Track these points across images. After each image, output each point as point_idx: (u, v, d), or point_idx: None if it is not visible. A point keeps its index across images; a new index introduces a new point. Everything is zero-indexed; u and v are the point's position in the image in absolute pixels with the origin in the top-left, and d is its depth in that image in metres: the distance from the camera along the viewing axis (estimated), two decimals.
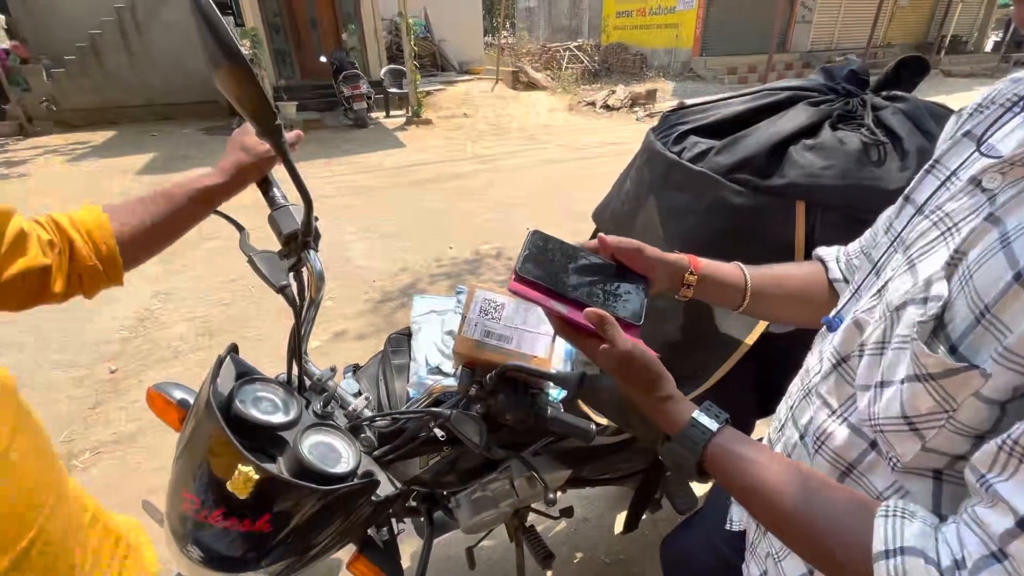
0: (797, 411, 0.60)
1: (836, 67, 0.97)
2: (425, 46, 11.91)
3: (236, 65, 0.60)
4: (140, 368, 2.65)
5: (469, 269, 3.63)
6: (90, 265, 0.68)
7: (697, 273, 0.68)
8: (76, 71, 8.67)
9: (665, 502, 1.49)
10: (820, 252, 0.74)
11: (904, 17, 14.33)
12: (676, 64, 12.75)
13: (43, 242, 0.63)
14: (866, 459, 0.49)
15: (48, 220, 0.66)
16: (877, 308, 0.50)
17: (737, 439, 0.52)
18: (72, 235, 0.67)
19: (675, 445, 0.54)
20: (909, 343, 0.43)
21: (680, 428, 0.54)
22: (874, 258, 0.57)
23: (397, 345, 1.10)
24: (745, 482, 0.50)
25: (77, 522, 0.54)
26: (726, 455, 0.51)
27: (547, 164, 6.49)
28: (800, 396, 0.60)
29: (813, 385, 0.58)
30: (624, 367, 0.56)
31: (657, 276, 0.66)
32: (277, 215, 0.85)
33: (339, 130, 8.45)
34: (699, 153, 0.92)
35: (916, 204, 0.53)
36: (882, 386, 0.46)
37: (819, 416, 0.55)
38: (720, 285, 0.70)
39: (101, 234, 0.69)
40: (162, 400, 0.93)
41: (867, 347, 0.49)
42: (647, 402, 0.56)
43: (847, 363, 0.53)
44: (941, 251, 0.45)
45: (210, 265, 3.73)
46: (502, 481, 1.10)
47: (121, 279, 0.73)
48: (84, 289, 0.69)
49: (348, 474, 0.74)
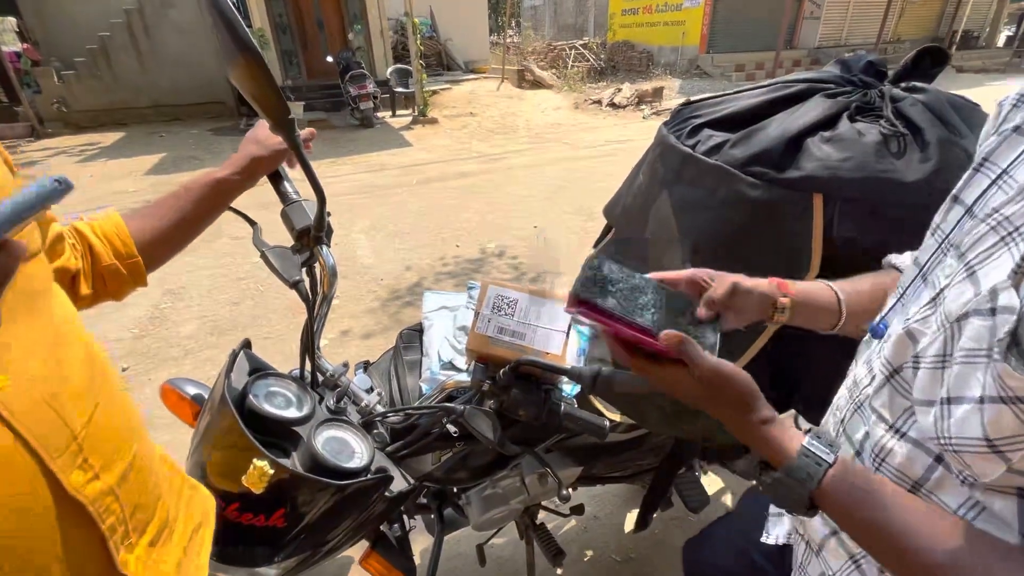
0: (849, 426, 0.57)
1: (853, 58, 0.96)
2: (431, 45, 11.91)
3: (251, 59, 0.61)
4: (151, 367, 2.67)
5: (474, 268, 3.62)
6: (109, 264, 0.69)
7: (790, 296, 0.64)
8: (86, 73, 8.76)
9: (676, 500, 1.48)
10: (893, 259, 0.70)
11: (914, 12, 14.18)
12: (683, 62, 12.68)
13: (71, 246, 0.65)
14: (933, 476, 0.47)
15: (68, 228, 0.68)
16: (933, 318, 0.47)
17: (853, 470, 0.48)
18: (91, 239, 0.69)
19: (784, 477, 0.48)
20: (983, 359, 0.40)
21: (789, 458, 0.49)
22: (920, 260, 0.54)
23: (409, 341, 1.10)
24: (871, 518, 0.46)
25: (150, 453, 0.57)
26: (847, 489, 0.47)
27: (554, 162, 6.48)
28: (851, 410, 0.57)
29: (865, 398, 0.54)
30: (714, 387, 0.51)
31: (750, 310, 0.62)
32: (290, 210, 0.85)
33: (345, 129, 8.47)
34: (714, 146, 0.91)
35: (965, 204, 0.50)
36: (950, 403, 0.43)
37: (876, 431, 0.52)
38: (812, 308, 0.66)
39: (118, 234, 0.71)
40: (176, 395, 0.93)
41: (924, 359, 0.46)
42: (743, 425, 0.51)
43: (900, 375, 0.50)
44: (1004, 258, 0.42)
45: (220, 264, 3.76)
46: (513, 478, 1.10)
47: (145, 279, 0.74)
48: (109, 291, 0.71)
49: (361, 469, 0.74)
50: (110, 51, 8.84)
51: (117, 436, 0.51)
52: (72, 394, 0.46)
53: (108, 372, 0.53)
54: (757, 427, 0.51)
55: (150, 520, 0.53)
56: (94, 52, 8.75)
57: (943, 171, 0.77)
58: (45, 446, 0.42)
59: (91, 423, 0.47)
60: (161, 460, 0.60)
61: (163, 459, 0.61)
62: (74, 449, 0.44)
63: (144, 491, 0.53)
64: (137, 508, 0.52)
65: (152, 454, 0.58)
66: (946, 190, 0.76)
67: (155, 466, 0.57)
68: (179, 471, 0.64)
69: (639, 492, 1.70)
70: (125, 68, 8.99)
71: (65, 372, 0.46)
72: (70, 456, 0.44)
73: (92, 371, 0.49)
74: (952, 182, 0.76)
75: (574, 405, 0.84)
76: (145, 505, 0.53)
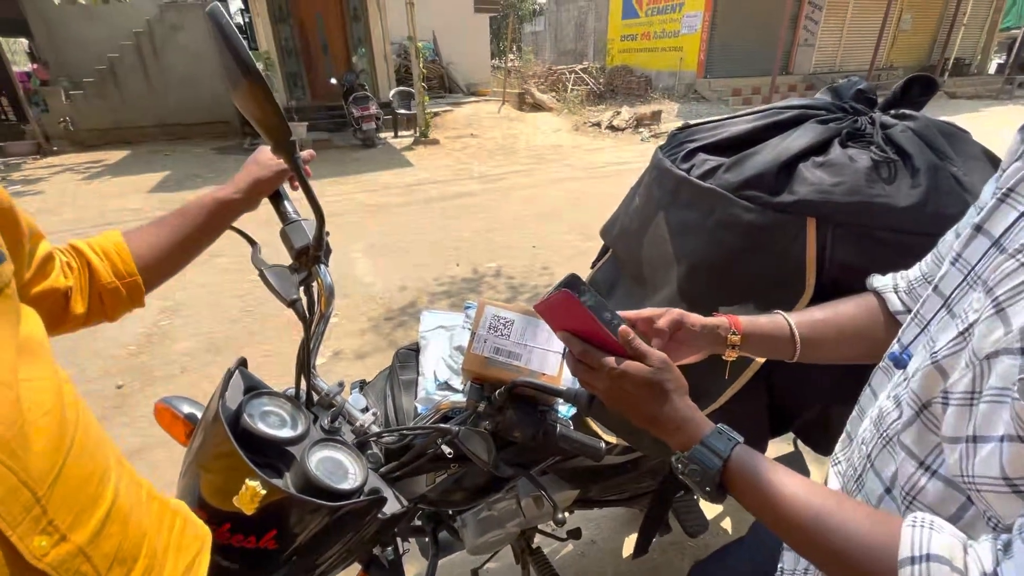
0: (878, 461, 0.56)
1: (843, 86, 0.98)
2: (433, 69, 12.15)
3: (254, 83, 0.62)
4: (146, 383, 2.66)
5: (470, 287, 3.63)
6: (108, 283, 0.68)
7: (740, 332, 0.67)
8: (93, 92, 8.92)
9: (675, 525, 1.46)
10: (875, 283, 0.72)
11: (906, 40, 14.51)
12: (680, 86, 12.92)
13: (63, 264, 0.64)
14: (966, 515, 0.46)
15: (66, 247, 0.68)
16: (962, 354, 0.47)
17: (758, 455, 0.53)
18: (90, 256, 0.68)
19: (700, 447, 0.53)
20: (1009, 399, 0.40)
21: (707, 434, 0.54)
22: (943, 290, 0.54)
23: (405, 360, 1.10)
24: (768, 494, 0.50)
25: (134, 493, 0.53)
26: (753, 467, 0.52)
27: (553, 183, 6.55)
28: (879, 444, 0.56)
29: (894, 433, 0.54)
30: (661, 374, 0.56)
31: (699, 343, 0.66)
32: (289, 230, 0.86)
33: (348, 150, 8.58)
34: (708, 170, 0.92)
35: (992, 236, 0.50)
36: (975, 441, 0.42)
37: (905, 468, 0.51)
38: (766, 339, 0.69)
39: (119, 254, 0.70)
40: (170, 414, 0.93)
41: (953, 395, 0.46)
42: (679, 411, 0.56)
43: (929, 410, 0.49)
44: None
45: (217, 282, 3.76)
46: (509, 500, 1.08)
47: (143, 300, 0.73)
48: (106, 311, 0.70)
49: (355, 490, 0.73)
50: (119, 72, 9.02)
51: (90, 485, 0.46)
52: (37, 448, 0.41)
53: (80, 410, 0.48)
54: (690, 408, 0.56)
55: (131, 569, 0.49)
56: (103, 72, 8.92)
57: (933, 196, 0.79)
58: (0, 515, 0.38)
59: (59, 478, 0.42)
60: (149, 498, 0.56)
61: (151, 497, 0.57)
62: (36, 513, 0.40)
63: (125, 538, 0.49)
64: (116, 561, 0.47)
65: (136, 493, 0.53)
66: (937, 214, 0.77)
67: (138, 507, 0.53)
68: (168, 505, 0.59)
69: (637, 516, 1.67)
70: (133, 88, 9.15)
71: (28, 419, 0.41)
72: (31, 522, 0.40)
73: (62, 414, 0.45)
74: (942, 207, 0.78)
75: (570, 427, 0.83)
76: (126, 555, 0.48)
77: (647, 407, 0.57)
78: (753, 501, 0.51)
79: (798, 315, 0.71)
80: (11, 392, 0.40)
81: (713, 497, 0.53)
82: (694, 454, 0.53)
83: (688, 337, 0.66)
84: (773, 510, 0.50)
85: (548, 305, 0.60)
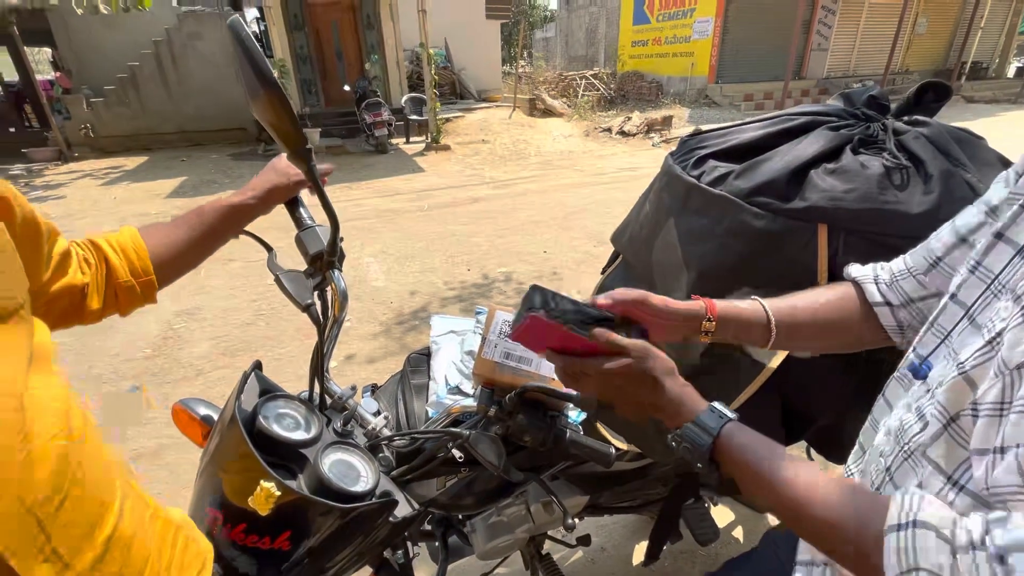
0: (898, 475, 0.54)
1: (855, 92, 0.98)
2: (445, 75, 12.26)
3: (272, 94, 0.64)
4: (163, 386, 2.70)
5: (479, 292, 3.65)
6: (125, 281, 0.70)
7: (715, 318, 0.67)
8: (114, 100, 9.14)
9: (686, 533, 1.45)
10: (853, 272, 0.72)
11: (922, 43, 14.35)
12: (692, 91, 12.88)
13: (80, 259, 0.66)
14: None
15: (85, 241, 0.69)
16: (991, 364, 0.46)
17: (749, 430, 0.54)
18: (108, 253, 0.69)
19: (692, 426, 0.55)
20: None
21: (700, 411, 0.56)
22: (963, 300, 0.53)
23: (416, 364, 1.11)
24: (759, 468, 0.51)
25: (141, 515, 0.53)
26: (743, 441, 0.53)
27: (564, 188, 6.56)
28: (899, 458, 0.54)
29: (917, 446, 0.52)
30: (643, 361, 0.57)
31: (668, 325, 0.66)
32: (304, 235, 0.88)
33: (360, 155, 8.67)
34: (718, 177, 0.93)
35: (1016, 244, 0.49)
36: (1002, 452, 0.42)
37: (932, 483, 0.49)
38: (742, 325, 0.69)
39: (136, 252, 0.72)
40: (187, 415, 0.95)
41: (982, 407, 0.45)
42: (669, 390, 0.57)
43: (957, 423, 0.48)
44: None
45: (232, 285, 3.82)
46: (519, 506, 1.08)
47: (155, 297, 0.75)
48: (119, 307, 0.71)
49: (367, 493, 0.74)
50: (139, 79, 9.25)
51: (94, 509, 0.46)
52: (42, 473, 0.40)
53: (89, 428, 0.48)
54: (683, 387, 0.58)
55: None
56: (123, 80, 9.15)
57: (946, 203, 0.78)
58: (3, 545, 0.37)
59: (64, 504, 0.42)
60: (153, 518, 0.56)
61: (155, 516, 0.56)
62: (41, 541, 0.39)
63: (127, 564, 0.48)
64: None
65: (141, 513, 0.53)
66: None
67: (142, 529, 0.52)
68: (172, 523, 0.59)
69: (648, 523, 1.66)
70: (152, 95, 9.37)
71: (36, 444, 0.40)
72: (35, 550, 0.39)
73: (68, 436, 0.44)
74: (956, 214, 0.77)
75: (580, 432, 0.83)
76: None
77: (642, 397, 0.58)
78: (744, 475, 0.53)
79: (775, 301, 0.70)
80: (18, 416, 0.39)
81: (708, 476, 0.55)
82: (685, 432, 0.55)
83: (664, 322, 0.66)
84: (765, 484, 0.51)
85: (520, 333, 0.60)
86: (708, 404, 0.56)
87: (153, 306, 0.76)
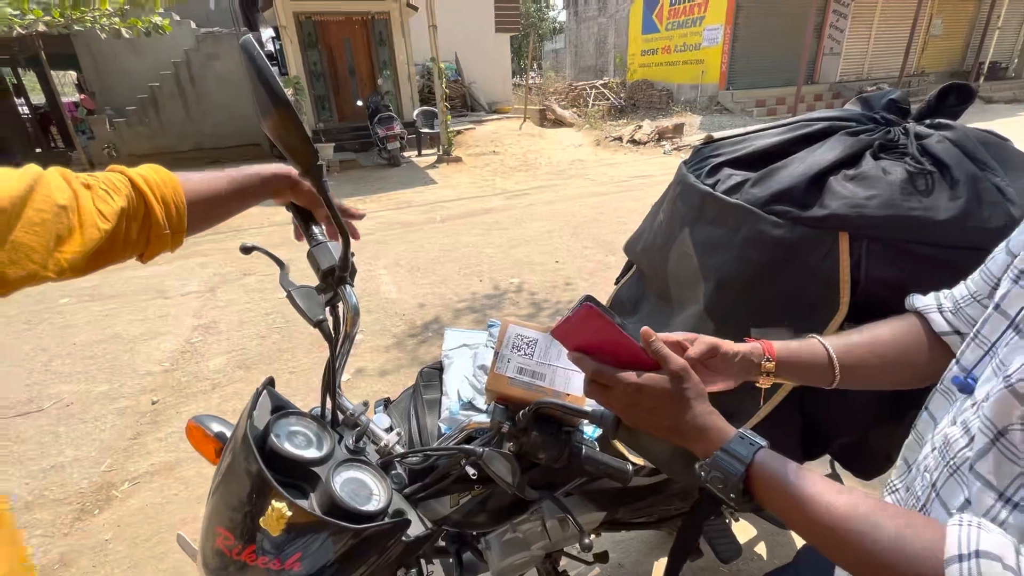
0: (944, 491, 0.52)
1: (874, 96, 0.95)
2: (456, 88, 12.40)
3: (284, 112, 0.64)
4: (179, 400, 2.73)
5: (492, 304, 3.64)
6: (162, 235, 0.69)
7: (774, 359, 0.65)
8: (135, 120, 9.42)
9: (707, 549, 1.41)
10: (916, 303, 0.69)
11: (937, 45, 14.15)
12: (703, 98, 12.85)
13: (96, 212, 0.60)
14: None
15: (123, 180, 0.67)
16: None
17: (781, 457, 0.51)
18: (149, 198, 0.68)
19: (721, 454, 0.52)
20: None
21: (723, 443, 0.53)
22: (1007, 311, 0.52)
23: (429, 379, 1.10)
24: (795, 496, 0.48)
25: None
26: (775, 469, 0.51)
27: (575, 198, 6.55)
28: (945, 473, 0.53)
29: (963, 461, 0.51)
30: (680, 382, 0.55)
31: (732, 370, 0.64)
32: (316, 251, 0.88)
33: (373, 169, 8.78)
34: (733, 185, 0.91)
35: None
36: None
37: (982, 500, 0.48)
38: (802, 366, 0.66)
39: (176, 206, 0.71)
40: (200, 432, 0.95)
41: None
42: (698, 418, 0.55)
43: (1006, 437, 0.47)
44: None
45: (248, 299, 3.87)
46: (534, 522, 1.06)
47: (178, 246, 0.75)
48: (145, 255, 0.70)
49: (379, 512, 0.73)
50: (159, 100, 9.53)
51: None
52: None
53: None
54: (711, 414, 0.55)
55: None
56: (144, 101, 9.44)
57: (975, 209, 0.75)
58: None
59: None
60: None
61: None
62: None
63: None
64: None
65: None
66: (980, 228, 0.74)
67: None
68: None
69: (667, 539, 1.62)
70: (171, 115, 9.64)
71: None
72: None
73: None
74: (985, 219, 0.75)
75: (595, 448, 0.81)
76: None
77: (667, 418, 0.55)
78: (780, 505, 0.50)
79: (834, 338, 0.68)
80: None
81: (739, 504, 0.52)
82: (716, 460, 0.52)
83: (721, 365, 0.64)
84: (801, 512, 0.48)
85: (569, 323, 0.58)
86: (736, 431, 0.54)
87: (172, 321, 0.76)
